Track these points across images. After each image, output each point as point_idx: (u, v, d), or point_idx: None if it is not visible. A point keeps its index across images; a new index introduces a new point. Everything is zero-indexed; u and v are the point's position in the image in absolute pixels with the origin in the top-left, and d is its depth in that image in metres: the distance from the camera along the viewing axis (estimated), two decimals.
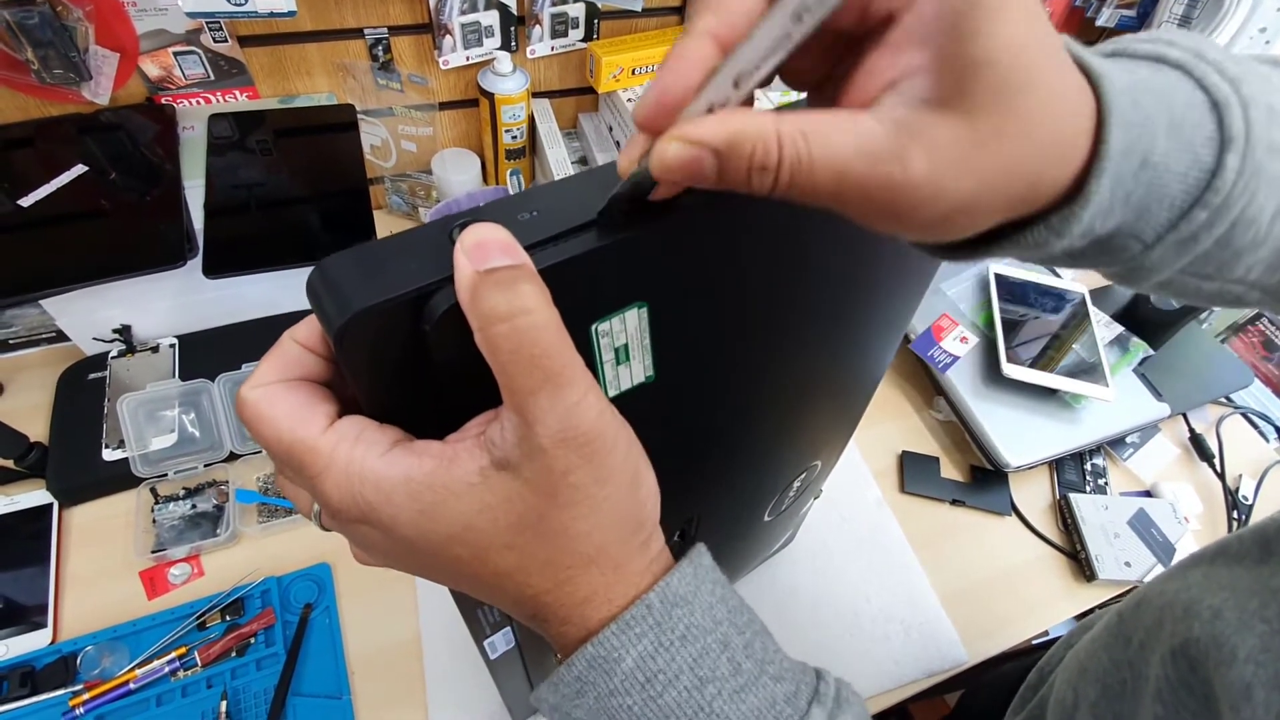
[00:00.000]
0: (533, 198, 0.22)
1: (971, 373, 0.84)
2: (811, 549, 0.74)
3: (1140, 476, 0.85)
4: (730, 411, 0.36)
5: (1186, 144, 0.22)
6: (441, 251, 0.20)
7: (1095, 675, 0.41)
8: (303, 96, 0.84)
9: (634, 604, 0.23)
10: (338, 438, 0.21)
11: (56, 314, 0.70)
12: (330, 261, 0.20)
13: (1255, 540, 0.36)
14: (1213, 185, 0.22)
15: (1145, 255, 0.23)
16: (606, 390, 0.26)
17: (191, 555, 0.66)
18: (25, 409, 0.72)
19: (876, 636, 0.69)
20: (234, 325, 0.78)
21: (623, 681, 0.22)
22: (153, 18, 0.72)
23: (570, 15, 0.87)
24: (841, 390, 0.48)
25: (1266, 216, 0.23)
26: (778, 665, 0.25)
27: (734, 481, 0.46)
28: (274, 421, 0.21)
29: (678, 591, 0.24)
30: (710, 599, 0.24)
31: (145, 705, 0.58)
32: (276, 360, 0.22)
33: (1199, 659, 0.32)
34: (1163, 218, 0.22)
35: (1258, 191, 0.22)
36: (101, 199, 0.69)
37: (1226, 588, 0.34)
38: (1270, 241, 0.24)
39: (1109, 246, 0.23)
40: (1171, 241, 0.23)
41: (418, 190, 0.93)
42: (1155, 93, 0.22)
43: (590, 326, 0.24)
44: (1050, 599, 0.74)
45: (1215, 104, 0.22)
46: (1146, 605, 0.40)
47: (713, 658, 0.23)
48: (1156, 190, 0.22)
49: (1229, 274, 0.25)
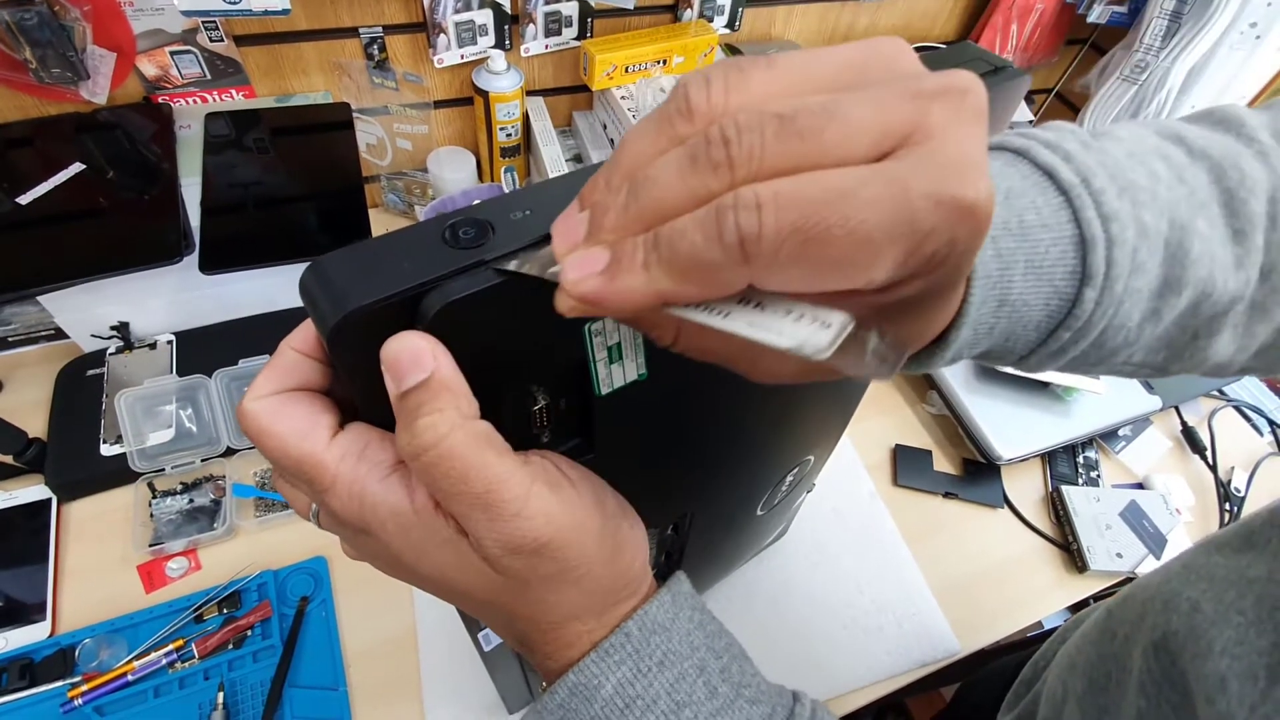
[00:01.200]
0: (526, 197, 0.22)
1: (963, 366, 0.84)
2: (805, 542, 0.74)
3: (1132, 469, 0.85)
4: (722, 408, 0.37)
5: (1046, 279, 0.23)
6: (435, 250, 0.20)
7: (1083, 669, 0.42)
8: (298, 95, 0.84)
9: (613, 633, 0.24)
10: (341, 452, 0.21)
11: (55, 311, 0.70)
12: (324, 260, 0.20)
13: (1239, 531, 0.36)
14: (1073, 313, 0.24)
15: (1023, 363, 0.26)
16: (599, 388, 0.26)
17: (189, 549, 0.66)
18: (24, 405, 0.72)
19: (869, 628, 0.69)
20: (231, 321, 0.78)
21: (603, 708, 0.23)
22: (149, 17, 0.72)
23: (564, 13, 0.88)
24: (834, 385, 0.48)
25: (1134, 322, 0.25)
26: (754, 688, 0.25)
27: (727, 477, 0.46)
28: (280, 436, 0.21)
29: (656, 619, 0.24)
30: (688, 625, 0.25)
31: (143, 697, 0.58)
32: (275, 370, 0.22)
33: (1177, 652, 0.33)
34: (1030, 338, 0.25)
35: (1121, 306, 0.24)
36: (99, 197, 0.70)
37: (1205, 579, 0.34)
38: (1143, 340, 0.26)
39: (989, 357, 0.26)
40: (1044, 354, 0.25)
41: (413, 188, 0.94)
42: (1020, 231, 0.23)
43: (584, 326, 0.23)
44: (1042, 590, 0.75)
45: (1083, 240, 0.23)
46: (1131, 599, 0.40)
47: (689, 682, 0.24)
48: (1018, 320, 0.24)
49: (1111, 365, 0.27)
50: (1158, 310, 0.25)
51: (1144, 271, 0.24)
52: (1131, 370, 0.28)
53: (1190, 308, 0.25)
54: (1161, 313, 0.25)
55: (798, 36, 1.07)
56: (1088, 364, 0.27)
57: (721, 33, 0.98)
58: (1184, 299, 0.25)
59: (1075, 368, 0.27)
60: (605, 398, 0.26)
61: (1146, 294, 0.24)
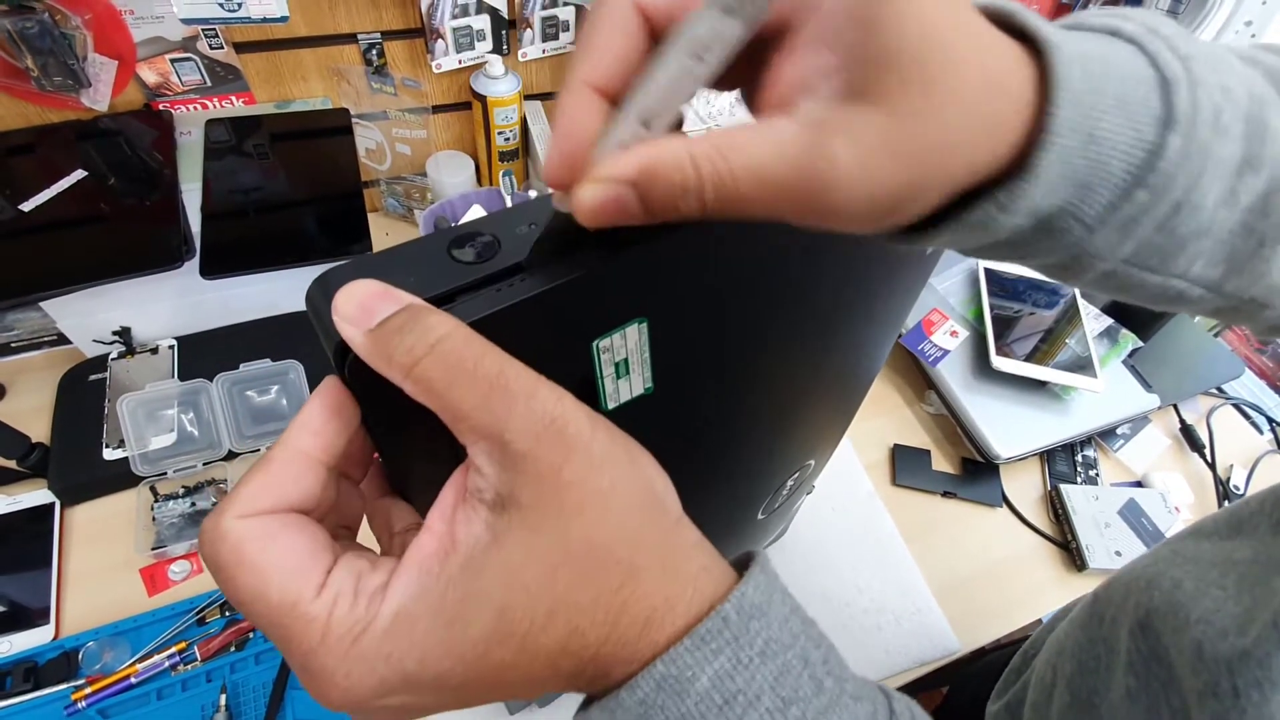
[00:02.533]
0: (531, 209, 0.22)
1: (962, 366, 0.84)
2: (804, 542, 0.74)
3: (1131, 467, 0.85)
4: (726, 417, 0.36)
5: (1132, 120, 0.21)
6: (442, 264, 0.20)
7: (1071, 652, 0.42)
8: (298, 101, 0.85)
9: (708, 615, 0.20)
10: (334, 595, 0.18)
11: (57, 317, 0.71)
12: (330, 275, 0.19)
13: (1226, 519, 0.37)
14: (1155, 165, 0.21)
15: (1089, 239, 0.23)
16: (606, 403, 0.26)
17: (191, 552, 0.67)
18: (27, 410, 0.73)
19: (868, 627, 0.70)
20: (232, 326, 0.79)
21: (697, 704, 0.20)
22: (150, 25, 0.73)
23: (560, 18, 0.89)
24: (837, 391, 0.48)
25: (1210, 203, 0.23)
26: (854, 683, 0.23)
27: (729, 483, 0.46)
28: (262, 573, 0.18)
29: (753, 601, 0.21)
30: (784, 609, 0.22)
31: (146, 699, 0.59)
32: (274, 475, 0.19)
33: (1160, 629, 0.33)
34: (1105, 197, 0.22)
35: (1202, 175, 0.22)
36: (101, 203, 0.71)
37: (1191, 561, 0.34)
38: (1214, 232, 0.24)
39: (1052, 229, 0.23)
40: (1114, 224, 0.23)
41: (412, 192, 0.95)
42: (1105, 64, 0.21)
43: (592, 343, 0.23)
44: (1042, 589, 0.75)
45: (1164, 81, 0.21)
46: (1116, 582, 0.41)
47: (794, 675, 0.21)
48: (1099, 168, 0.21)
49: (1172, 267, 0.25)
50: (1235, 192, 0.23)
51: (1227, 136, 0.22)
52: (1184, 287, 0.26)
53: (1261, 200, 0.24)
54: (1238, 194, 0.23)
55: None
56: (1151, 261, 0.24)
57: None
58: (1261, 180, 0.23)
59: (1137, 262, 0.24)
60: (611, 412, 0.26)
61: (1227, 166, 0.23)
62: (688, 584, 0.21)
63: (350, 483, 0.23)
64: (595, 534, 0.19)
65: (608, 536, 0.19)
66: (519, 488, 0.18)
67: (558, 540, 0.19)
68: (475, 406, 0.18)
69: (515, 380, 0.18)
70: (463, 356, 0.18)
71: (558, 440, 0.18)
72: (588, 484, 0.19)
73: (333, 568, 0.19)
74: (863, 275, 0.36)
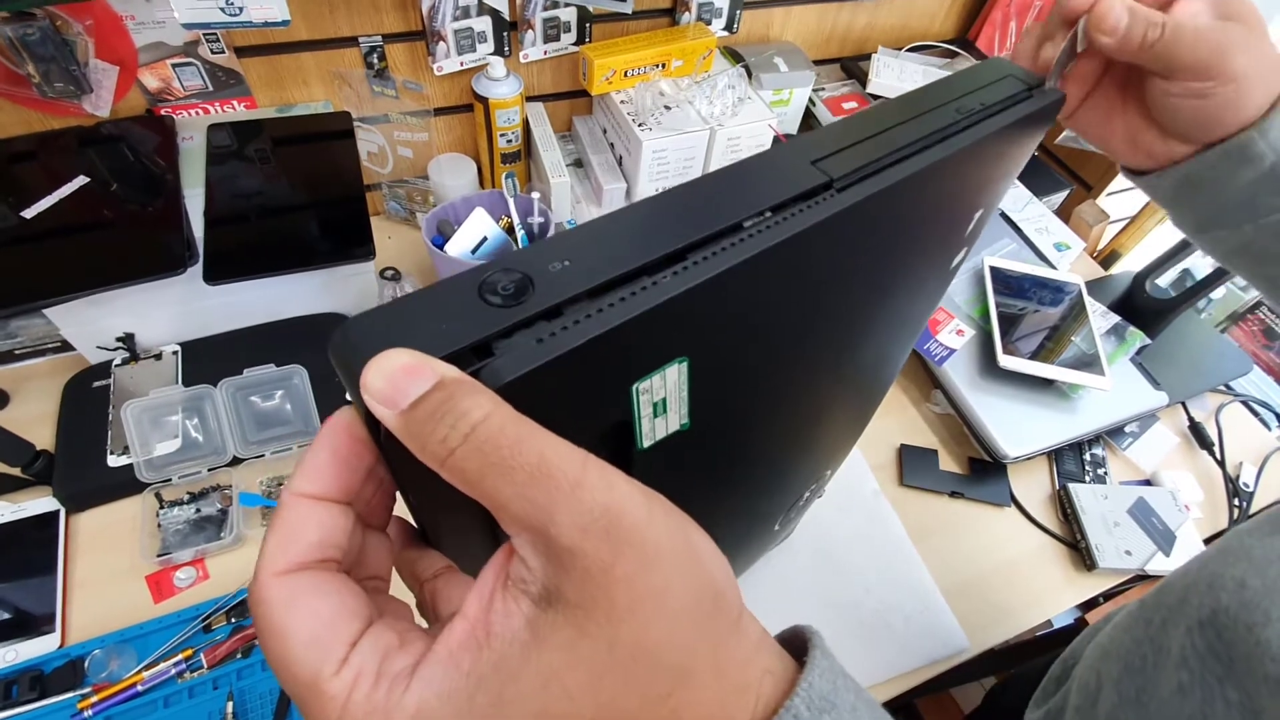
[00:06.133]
0: (563, 245, 0.21)
1: (968, 365, 0.84)
2: (811, 542, 0.74)
3: (1140, 465, 0.85)
4: (755, 442, 0.36)
5: None
6: (474, 309, 0.19)
7: (1117, 656, 0.43)
8: (300, 105, 0.85)
9: (777, 714, 0.19)
10: (355, 674, 0.17)
11: (61, 324, 0.71)
12: (355, 322, 0.18)
13: (1269, 518, 0.38)
14: None
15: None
16: (641, 441, 0.25)
17: (196, 559, 0.67)
18: (32, 417, 0.73)
19: (877, 626, 0.69)
20: (236, 331, 0.78)
21: None
22: (151, 31, 0.73)
23: (562, 19, 0.88)
24: (858, 405, 0.48)
25: None
26: None
27: (752, 502, 0.45)
28: (285, 640, 0.17)
29: (822, 693, 0.20)
30: (851, 698, 0.21)
31: (153, 707, 0.58)
32: (290, 524, 0.19)
33: (1228, 625, 0.35)
34: None
35: None
36: (103, 209, 0.70)
37: (1244, 560, 0.36)
38: None
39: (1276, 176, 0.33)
40: None
41: (415, 196, 0.94)
42: None
43: (632, 386, 0.22)
44: (1051, 588, 0.75)
45: None
46: (1169, 588, 0.42)
47: None
48: None
49: None
50: None
51: None
52: None
53: None
54: None
55: (795, 37, 1.07)
56: None
57: (720, 35, 0.98)
58: None
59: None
60: (647, 450, 0.25)
61: None
62: (749, 693, 0.19)
63: (376, 531, 0.23)
64: (645, 637, 0.17)
65: (658, 640, 0.17)
66: (565, 584, 0.17)
67: (605, 644, 0.17)
68: (514, 497, 0.17)
69: (559, 467, 0.17)
70: (499, 445, 0.17)
71: (608, 534, 0.17)
72: (641, 582, 0.17)
73: (359, 640, 0.18)
74: (892, 295, 0.36)
